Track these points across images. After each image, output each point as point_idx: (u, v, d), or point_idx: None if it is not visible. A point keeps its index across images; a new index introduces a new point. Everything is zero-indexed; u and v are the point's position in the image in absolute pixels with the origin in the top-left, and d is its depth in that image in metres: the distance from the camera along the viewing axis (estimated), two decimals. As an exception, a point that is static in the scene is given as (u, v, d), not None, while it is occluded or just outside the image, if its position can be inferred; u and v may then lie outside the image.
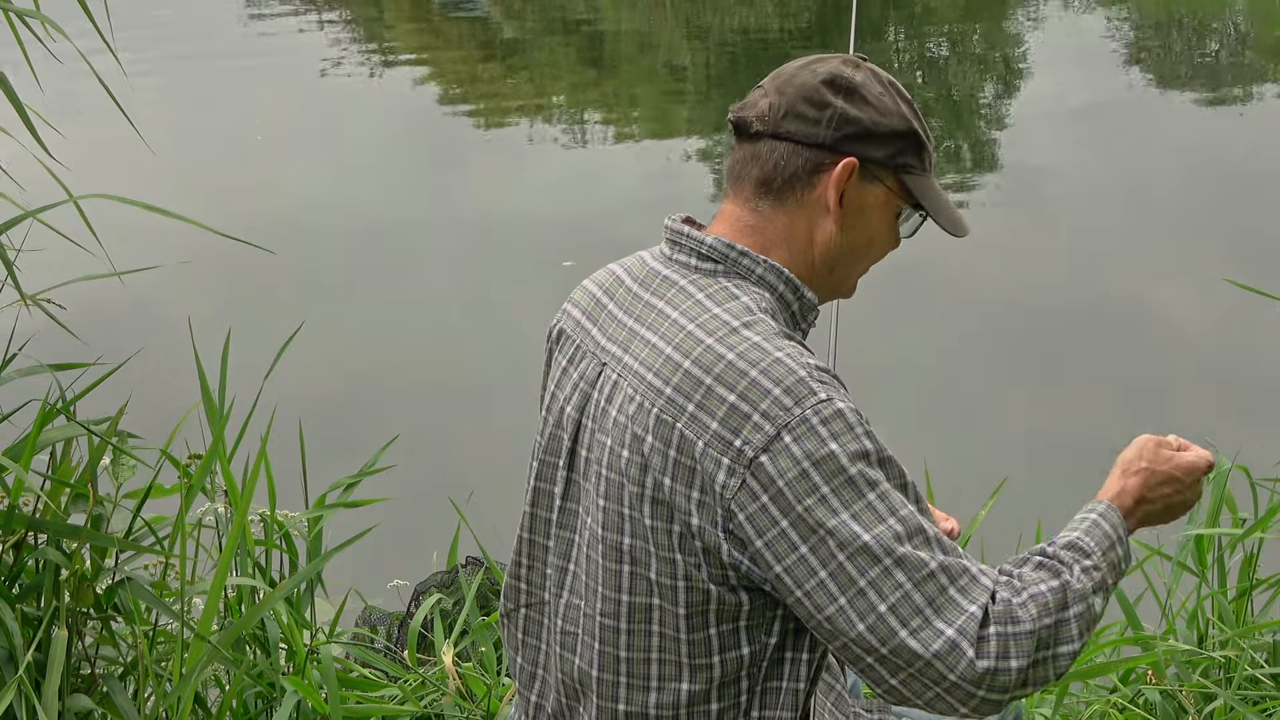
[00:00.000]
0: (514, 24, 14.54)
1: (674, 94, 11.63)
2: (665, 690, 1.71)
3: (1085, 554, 1.68)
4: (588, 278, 1.89)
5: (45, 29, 2.32)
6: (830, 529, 1.55)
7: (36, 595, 2.34)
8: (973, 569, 1.59)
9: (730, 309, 1.67)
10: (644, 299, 1.75)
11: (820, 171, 1.73)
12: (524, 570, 1.86)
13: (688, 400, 1.61)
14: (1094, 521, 1.73)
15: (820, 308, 1.80)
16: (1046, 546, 1.69)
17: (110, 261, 2.47)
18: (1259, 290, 3.25)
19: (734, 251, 1.72)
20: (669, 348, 1.66)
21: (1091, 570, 1.66)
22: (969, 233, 1.82)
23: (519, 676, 1.90)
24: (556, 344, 1.86)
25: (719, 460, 1.59)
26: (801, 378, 1.59)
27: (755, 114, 1.76)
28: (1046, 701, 2.79)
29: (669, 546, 1.65)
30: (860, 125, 1.73)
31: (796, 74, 1.77)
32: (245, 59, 12.75)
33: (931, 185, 1.80)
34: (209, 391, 2.74)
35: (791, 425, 1.56)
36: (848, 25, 2.49)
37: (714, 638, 1.68)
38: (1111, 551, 1.71)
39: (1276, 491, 3.01)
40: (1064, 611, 1.60)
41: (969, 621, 1.54)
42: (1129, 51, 11.58)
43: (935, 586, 1.55)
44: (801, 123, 1.73)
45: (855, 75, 1.75)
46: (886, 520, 1.55)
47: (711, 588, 1.65)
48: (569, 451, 1.77)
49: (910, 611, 1.54)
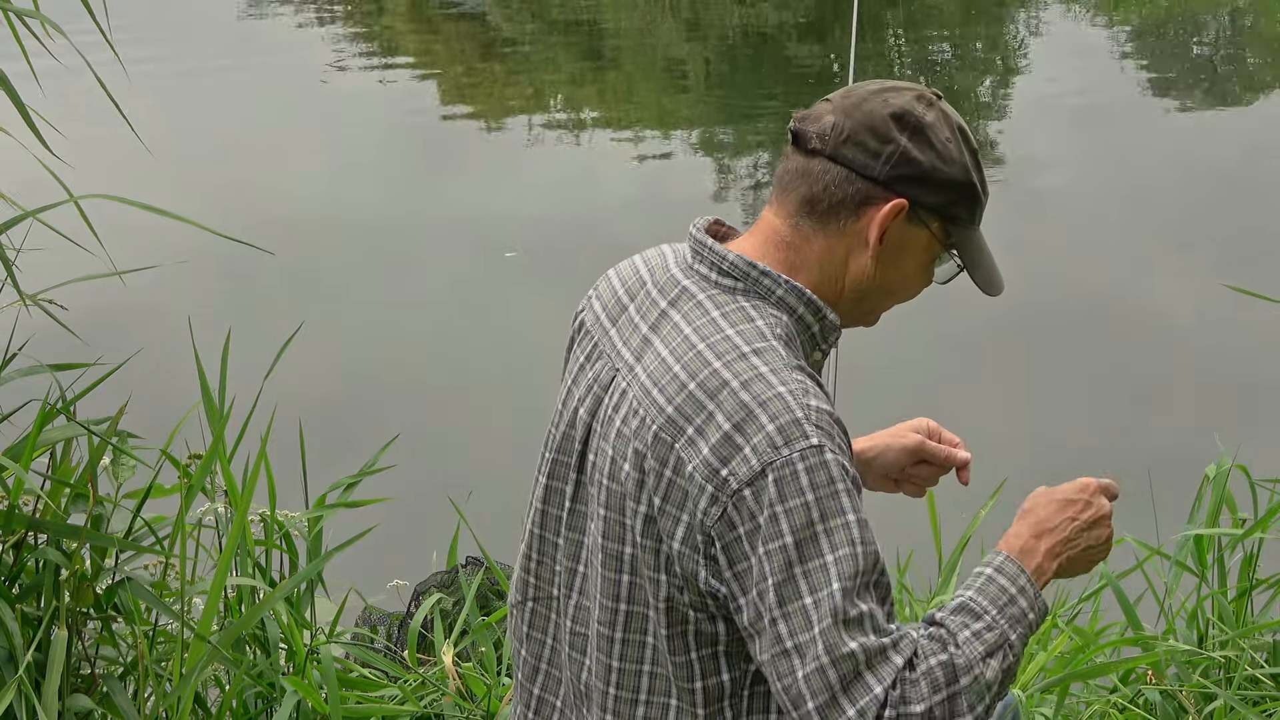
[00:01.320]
0: (513, 24, 14.54)
1: (674, 94, 11.63)
2: (654, 705, 1.71)
3: (976, 615, 1.63)
4: (613, 267, 1.87)
5: (45, 29, 2.32)
6: (778, 581, 1.55)
7: (36, 595, 2.34)
8: (888, 648, 1.56)
9: (743, 331, 1.65)
10: (660, 307, 1.73)
11: (869, 205, 1.70)
12: (533, 564, 1.86)
13: (687, 423, 1.61)
14: (988, 578, 1.68)
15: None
16: (936, 613, 1.66)
17: (111, 261, 2.47)
18: (1257, 294, 3.25)
19: (755, 270, 1.70)
20: (677, 365, 1.65)
21: (983, 633, 1.62)
22: (1002, 292, 1.80)
23: (522, 668, 1.90)
24: (578, 333, 1.86)
25: (703, 486, 1.58)
26: (797, 418, 1.57)
27: (816, 130, 1.72)
28: (1047, 701, 2.79)
29: (654, 566, 1.65)
30: (919, 168, 1.69)
31: (867, 99, 1.73)
32: (244, 58, 12.74)
33: (976, 238, 1.77)
34: (209, 391, 2.74)
35: (776, 465, 1.56)
36: (847, 22, 2.49)
37: (694, 662, 1.67)
38: (1011, 606, 1.65)
39: (1276, 491, 3.00)
40: (953, 686, 1.58)
41: (870, 704, 1.54)
42: (1129, 50, 11.58)
43: (850, 666, 1.54)
44: (861, 152, 1.69)
45: (926, 114, 1.71)
46: (831, 586, 1.54)
47: (690, 613, 1.65)
48: (579, 455, 1.76)
49: (821, 686, 1.54)
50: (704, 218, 1.80)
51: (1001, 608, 1.65)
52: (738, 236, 1.79)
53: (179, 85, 10.90)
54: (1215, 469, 3.03)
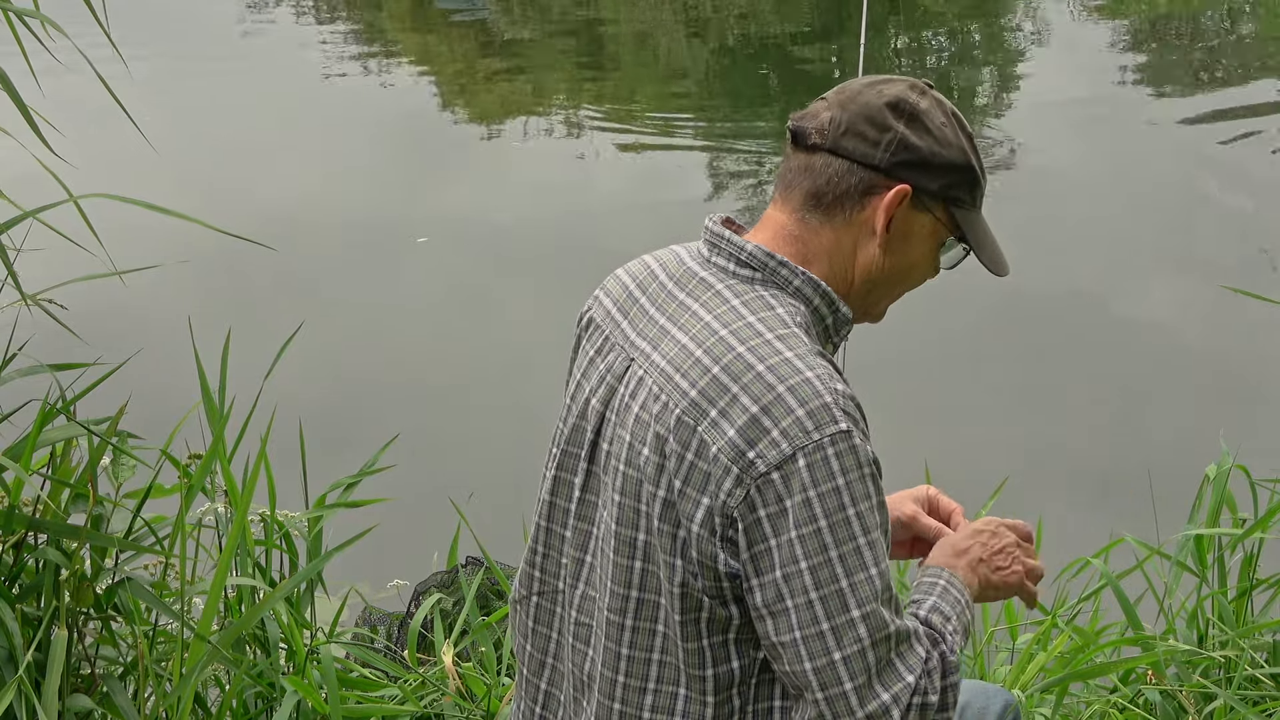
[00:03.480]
0: (513, 25, 14.54)
1: (674, 94, 11.63)
2: (662, 693, 1.71)
3: (945, 618, 1.74)
4: (621, 267, 1.88)
5: (45, 29, 2.32)
6: (814, 564, 1.58)
7: (36, 595, 2.34)
8: (913, 636, 1.64)
9: (765, 319, 1.67)
10: (678, 298, 1.74)
11: (872, 194, 1.73)
12: (539, 558, 1.86)
13: (711, 406, 1.62)
14: (943, 588, 1.79)
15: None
16: (918, 612, 1.74)
17: (111, 261, 2.47)
18: (1256, 295, 3.25)
19: (773, 261, 1.72)
20: (699, 350, 1.66)
21: (954, 635, 1.72)
22: (1009, 272, 1.83)
23: (527, 663, 1.90)
24: (585, 331, 1.86)
25: (729, 468, 1.60)
26: (826, 403, 1.59)
27: (815, 126, 1.75)
28: (1047, 701, 2.79)
29: (671, 550, 1.66)
30: (918, 153, 1.73)
31: (862, 92, 1.76)
32: (244, 59, 12.75)
33: (979, 221, 1.80)
34: (209, 391, 2.74)
35: (808, 450, 1.57)
36: (847, 24, 2.49)
37: (706, 649, 1.69)
38: (965, 614, 1.77)
39: (1276, 491, 3.00)
40: (949, 678, 1.67)
41: (904, 691, 1.61)
42: (1129, 48, 11.58)
43: (886, 649, 1.61)
44: (860, 142, 1.72)
45: (920, 102, 1.75)
46: (868, 569, 1.59)
47: (705, 599, 1.66)
48: (591, 444, 1.77)
49: (860, 668, 1.59)
50: (718, 214, 1.81)
51: (959, 614, 1.75)
52: (748, 233, 1.80)
53: (178, 85, 10.90)
54: (1215, 469, 3.03)
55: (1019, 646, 3.00)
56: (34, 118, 2.26)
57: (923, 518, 2.04)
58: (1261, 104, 9.77)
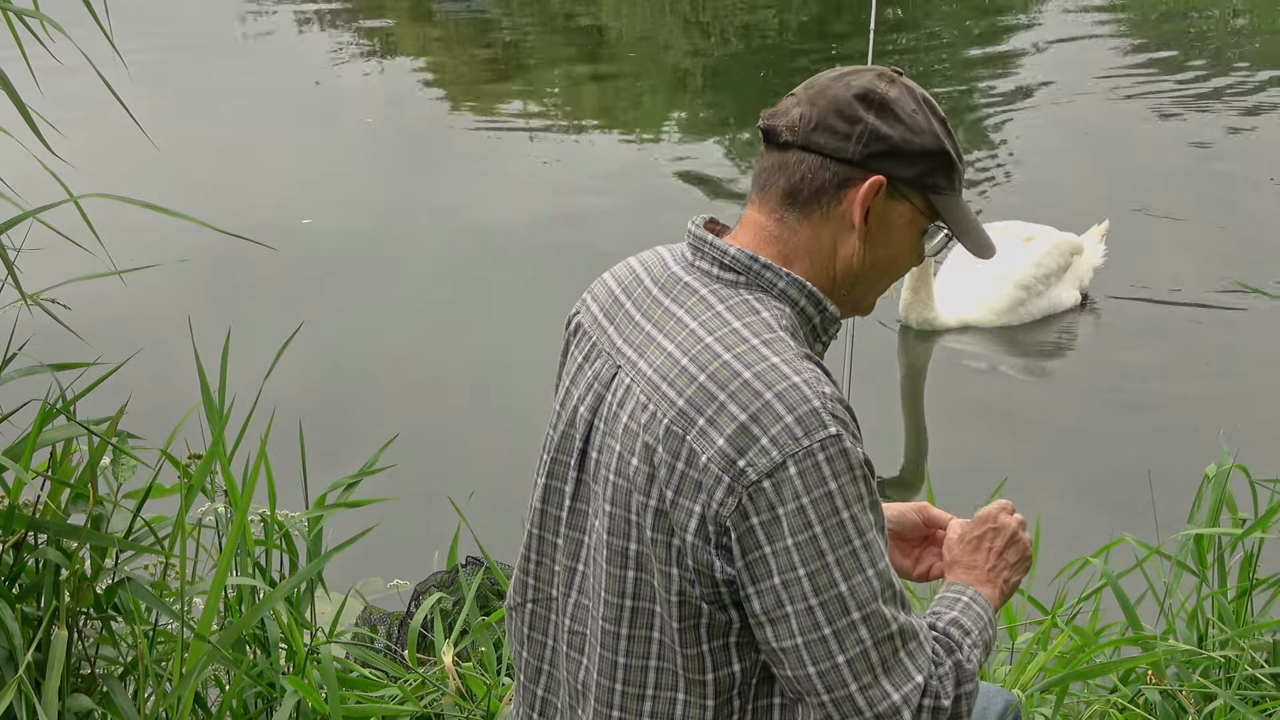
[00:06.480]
0: (513, 25, 14.54)
1: (674, 95, 11.63)
2: (660, 699, 1.71)
3: (966, 632, 1.75)
4: (608, 271, 1.88)
5: (44, 29, 2.32)
6: (811, 570, 1.58)
7: (36, 595, 2.34)
8: (920, 632, 1.65)
9: (750, 324, 1.66)
10: (663, 304, 1.73)
11: (847, 187, 1.72)
12: (533, 565, 1.86)
13: (699, 414, 1.61)
14: (966, 604, 1.80)
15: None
16: (934, 622, 1.75)
17: (111, 261, 2.47)
18: (1258, 289, 3.25)
19: (757, 264, 1.71)
20: (685, 359, 1.65)
21: (973, 649, 1.73)
22: (995, 254, 1.83)
23: (524, 670, 1.90)
24: (573, 336, 1.86)
25: (719, 477, 1.59)
26: (815, 408, 1.59)
27: (785, 123, 1.74)
28: (1047, 701, 2.79)
29: (666, 560, 1.65)
30: (890, 143, 1.71)
31: (830, 85, 1.75)
32: (243, 58, 12.74)
33: (959, 205, 1.79)
34: (209, 391, 2.74)
35: (798, 456, 1.57)
36: (849, 25, 2.50)
37: (706, 654, 1.68)
38: (987, 631, 1.79)
39: (1276, 491, 3.00)
40: (963, 687, 1.68)
41: (914, 691, 1.61)
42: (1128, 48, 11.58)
43: (891, 648, 1.61)
44: (831, 136, 1.71)
45: (889, 90, 1.73)
46: (865, 571, 1.59)
47: (703, 605, 1.66)
48: (580, 453, 1.77)
49: (864, 668, 1.59)
50: (700, 216, 1.80)
51: (981, 629, 1.76)
52: (729, 235, 1.80)
53: (177, 85, 10.89)
54: (1215, 469, 3.03)
55: (1019, 646, 3.00)
56: (34, 118, 2.26)
57: (931, 509, 2.06)
58: (1262, 101, 9.77)
